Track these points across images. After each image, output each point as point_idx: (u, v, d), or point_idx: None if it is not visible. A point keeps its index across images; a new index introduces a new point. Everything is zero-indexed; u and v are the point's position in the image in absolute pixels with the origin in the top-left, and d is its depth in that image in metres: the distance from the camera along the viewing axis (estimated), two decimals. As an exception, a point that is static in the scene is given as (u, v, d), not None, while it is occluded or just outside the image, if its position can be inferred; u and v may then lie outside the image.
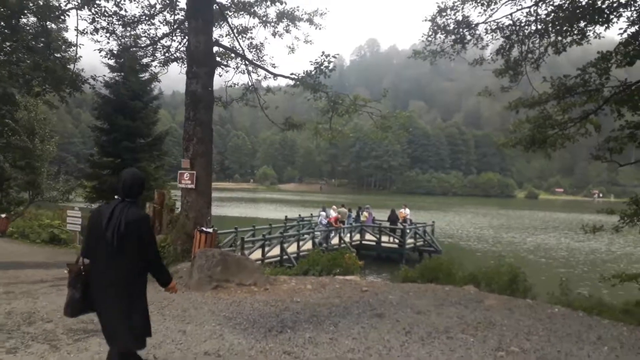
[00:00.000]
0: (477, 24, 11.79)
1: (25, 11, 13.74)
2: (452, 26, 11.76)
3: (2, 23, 14.90)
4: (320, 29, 14.58)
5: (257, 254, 16.70)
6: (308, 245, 19.32)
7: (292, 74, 13.53)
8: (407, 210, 25.79)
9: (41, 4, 13.23)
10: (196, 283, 7.92)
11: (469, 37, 12.01)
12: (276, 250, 17.78)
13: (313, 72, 12.86)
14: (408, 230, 22.63)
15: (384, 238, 22.74)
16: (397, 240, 22.55)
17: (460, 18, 11.67)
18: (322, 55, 12.64)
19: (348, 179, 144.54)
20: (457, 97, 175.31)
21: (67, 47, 16.84)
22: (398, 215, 24.53)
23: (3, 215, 18.53)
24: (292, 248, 18.53)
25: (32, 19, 14.26)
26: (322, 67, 12.76)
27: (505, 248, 28.14)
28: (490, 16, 11.50)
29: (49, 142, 22.97)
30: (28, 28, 15.39)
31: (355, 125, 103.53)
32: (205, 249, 8.82)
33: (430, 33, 11.89)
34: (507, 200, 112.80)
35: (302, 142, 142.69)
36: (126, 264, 3.35)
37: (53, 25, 18.57)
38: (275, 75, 14.66)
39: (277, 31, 14.48)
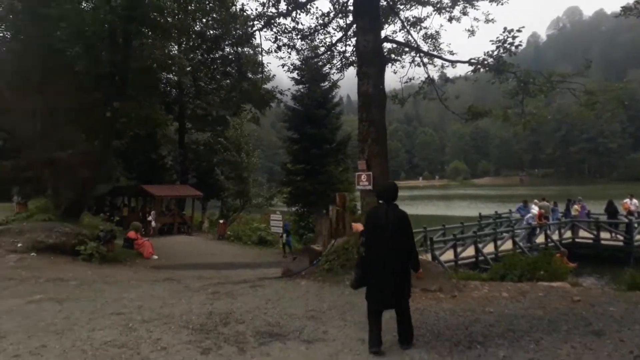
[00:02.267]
0: None
1: (222, 42, 15.71)
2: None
3: (206, 56, 17.53)
4: (502, 4, 13.06)
5: (448, 255, 15.77)
6: (508, 245, 17.47)
7: (471, 59, 12.39)
8: (635, 201, 21.34)
9: (239, 33, 14.72)
10: (377, 288, 7.63)
11: None
12: (470, 251, 16.50)
13: (494, 52, 11.56)
14: (636, 225, 18.64)
15: (604, 235, 19.18)
16: (621, 237, 18.78)
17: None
18: (504, 32, 11.25)
19: (554, 168, 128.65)
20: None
21: (258, 68, 18.85)
22: (618, 207, 20.47)
23: (221, 221, 21.60)
24: (488, 248, 16.98)
25: (227, 48, 16.29)
26: (505, 45, 11.37)
27: None
28: None
29: (253, 154, 25.98)
30: (227, 56, 17.69)
31: (558, 107, 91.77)
32: (386, 252, 8.47)
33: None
34: None
35: (496, 132, 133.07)
36: (400, 247, 4.74)
37: (250, 50, 21.13)
38: (452, 63, 13.67)
39: (454, 15, 13.50)
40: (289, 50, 14.47)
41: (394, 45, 13.70)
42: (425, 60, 13.70)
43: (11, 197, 18.37)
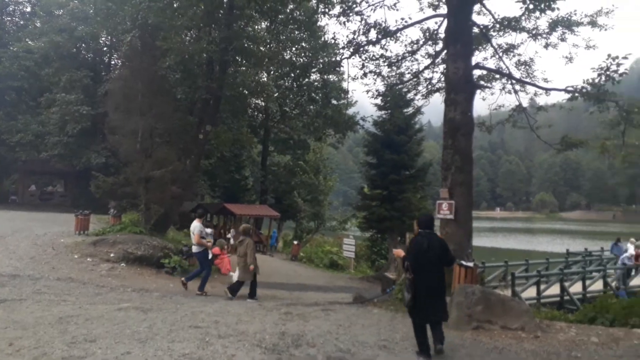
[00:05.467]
0: None
1: (310, 70, 16.24)
2: None
3: (294, 83, 18.26)
4: (605, 29, 12.31)
5: (530, 292, 14.75)
6: (598, 285, 16.05)
7: (568, 86, 11.74)
8: None
9: (325, 60, 15.16)
10: (454, 321, 7.29)
11: None
12: (555, 290, 15.33)
13: (596, 80, 10.88)
14: None
15: None
16: None
17: None
18: (607, 59, 10.59)
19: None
20: None
21: (343, 94, 19.27)
22: None
23: (295, 242, 21.97)
24: (575, 288, 15.67)
25: (314, 76, 16.89)
26: (608, 73, 10.67)
27: None
28: None
29: (330, 178, 26.32)
30: (314, 82, 18.31)
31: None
32: (464, 285, 8.14)
33: None
34: None
35: (589, 164, 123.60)
36: (440, 269, 5.66)
37: (334, 77, 21.66)
38: (547, 91, 13.09)
39: (550, 42, 12.93)
40: (375, 77, 14.58)
41: (484, 72, 13.38)
42: (517, 87, 13.21)
43: (108, 210, 19.63)
